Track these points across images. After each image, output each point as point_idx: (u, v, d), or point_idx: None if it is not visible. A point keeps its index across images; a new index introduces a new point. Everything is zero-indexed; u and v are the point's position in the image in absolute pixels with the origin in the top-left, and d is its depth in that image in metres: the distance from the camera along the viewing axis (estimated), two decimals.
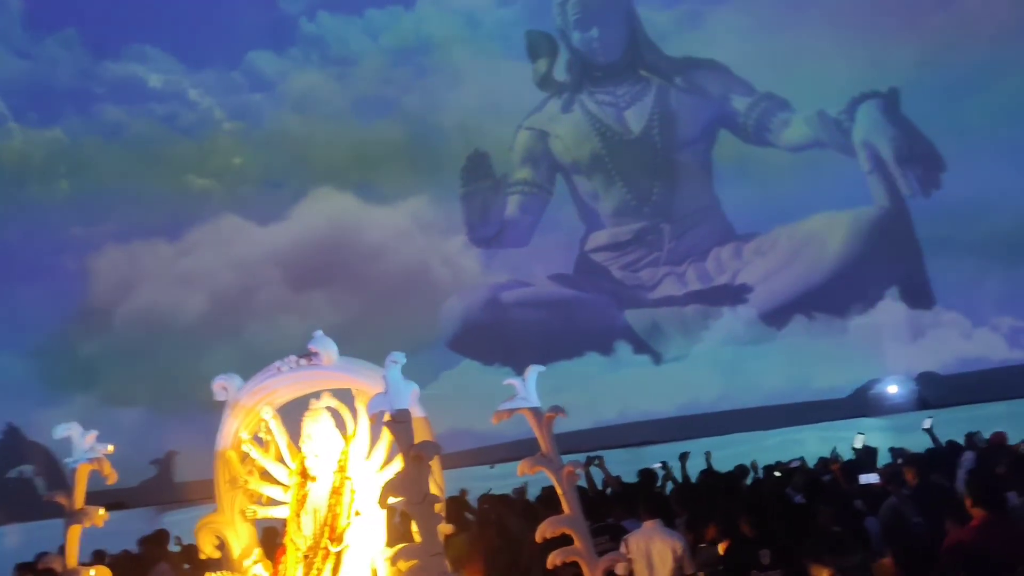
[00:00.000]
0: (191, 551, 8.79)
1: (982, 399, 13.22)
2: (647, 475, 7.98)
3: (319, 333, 5.24)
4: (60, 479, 15.72)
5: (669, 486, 8.68)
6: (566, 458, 5.33)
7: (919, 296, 14.26)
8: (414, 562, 3.95)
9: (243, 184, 17.06)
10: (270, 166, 16.98)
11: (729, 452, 11.15)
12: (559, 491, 4.93)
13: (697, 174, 15.69)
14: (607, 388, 15.48)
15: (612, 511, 6.81)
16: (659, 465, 9.20)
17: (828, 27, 14.57)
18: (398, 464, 5.01)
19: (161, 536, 9.66)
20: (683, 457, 9.19)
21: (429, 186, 16.22)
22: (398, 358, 4.29)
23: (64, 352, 16.67)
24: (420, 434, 4.72)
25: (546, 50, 15.76)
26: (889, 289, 14.43)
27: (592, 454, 9.11)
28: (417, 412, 4.84)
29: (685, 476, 8.84)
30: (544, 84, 15.85)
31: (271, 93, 17.11)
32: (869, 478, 7.15)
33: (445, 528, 4.70)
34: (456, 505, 8.19)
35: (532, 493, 8.71)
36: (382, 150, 16.49)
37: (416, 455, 3.97)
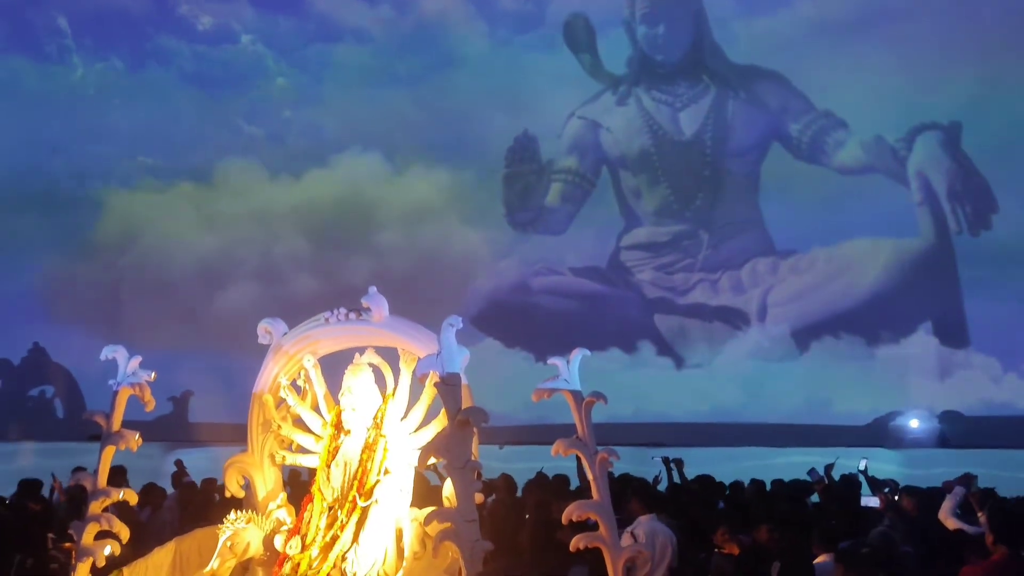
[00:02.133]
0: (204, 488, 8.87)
1: (1003, 444, 13.11)
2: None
3: (373, 289, 5.26)
4: (79, 403, 15.99)
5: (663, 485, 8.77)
6: (614, 448, 5.32)
7: (953, 334, 14.11)
8: (447, 525, 3.97)
9: (285, 136, 17.14)
10: (315, 122, 17.02)
11: (736, 466, 11.10)
12: (590, 476, 4.94)
13: (744, 185, 15.58)
14: (625, 385, 15.42)
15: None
16: (659, 459, 9.28)
17: (895, 53, 14.38)
18: (433, 428, 5.04)
19: (180, 470, 9.77)
20: (679, 464, 9.26)
21: (473, 161, 16.18)
22: (455, 322, 4.30)
23: (92, 281, 16.88)
24: (465, 400, 4.74)
25: (587, 42, 15.64)
26: (923, 323, 14.30)
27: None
28: (463, 379, 4.86)
29: (681, 479, 8.92)
30: (596, 74, 15.74)
31: (331, 52, 17.14)
32: (870, 501, 7.15)
33: (479, 496, 4.73)
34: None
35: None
36: (428, 119, 16.49)
37: (463, 419, 3.99)
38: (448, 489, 4.18)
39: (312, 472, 5.42)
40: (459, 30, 16.60)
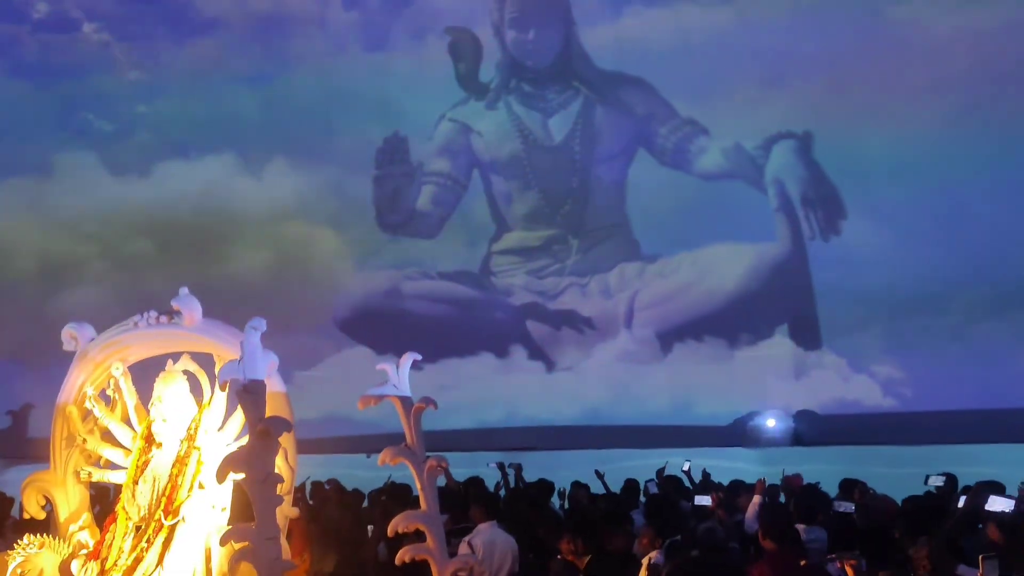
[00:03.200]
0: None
1: (853, 441, 13.72)
2: (475, 482, 7.93)
3: (184, 290, 4.91)
4: None
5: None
6: (444, 455, 5.15)
7: (807, 336, 14.68)
8: (246, 544, 3.71)
9: (132, 131, 16.31)
10: (166, 117, 16.26)
11: (607, 467, 11.13)
12: (419, 486, 4.77)
13: (611, 190, 15.79)
14: (496, 390, 15.41)
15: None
16: (494, 465, 9.24)
17: (753, 62, 14.88)
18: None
19: None
20: (517, 469, 9.25)
21: (341, 162, 15.80)
22: (258, 324, 4.03)
23: None
24: (275, 409, 4.46)
25: (468, 50, 15.58)
26: (780, 326, 14.81)
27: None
28: (276, 386, 4.58)
29: (517, 484, 8.91)
30: (465, 83, 15.66)
31: (184, 44, 16.41)
32: (702, 500, 7.32)
33: (290, 511, 4.46)
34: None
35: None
36: (292, 116, 16.03)
37: (263, 429, 3.73)
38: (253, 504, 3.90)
39: (120, 489, 5.03)
40: (326, 27, 16.21)
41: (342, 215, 15.88)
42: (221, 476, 3.84)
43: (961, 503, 6.33)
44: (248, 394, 3.81)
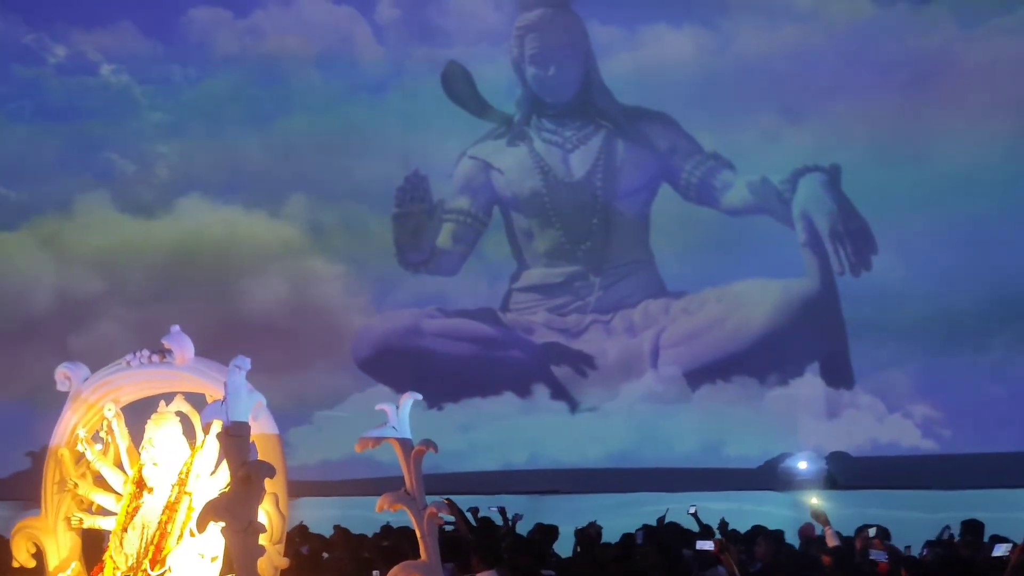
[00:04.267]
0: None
1: (890, 485, 13.18)
2: (486, 522, 7.64)
3: (176, 328, 4.71)
4: None
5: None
6: (447, 500, 4.86)
7: (839, 375, 14.23)
8: None
9: (151, 172, 16.42)
10: (186, 157, 16.35)
11: (631, 512, 10.79)
12: (418, 534, 4.49)
13: (635, 225, 15.55)
14: (519, 431, 15.11)
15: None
16: (496, 509, 8.93)
17: (776, 94, 14.67)
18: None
19: None
20: (515, 519, 8.92)
21: (362, 201, 15.75)
22: (241, 363, 3.80)
23: None
24: (266, 452, 4.20)
25: (467, 90, 15.52)
26: (811, 364, 14.38)
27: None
28: (266, 427, 4.33)
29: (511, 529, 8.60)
30: (481, 113, 15.59)
31: (204, 84, 16.57)
32: (704, 545, 6.96)
33: (280, 562, 4.19)
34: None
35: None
36: (311, 154, 16.06)
37: (245, 475, 3.49)
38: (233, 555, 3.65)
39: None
40: (345, 64, 16.27)
41: (362, 253, 15.76)
42: (201, 525, 3.59)
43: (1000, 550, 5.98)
44: (230, 436, 3.57)
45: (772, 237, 14.60)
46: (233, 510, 3.49)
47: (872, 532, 7.68)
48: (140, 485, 4.74)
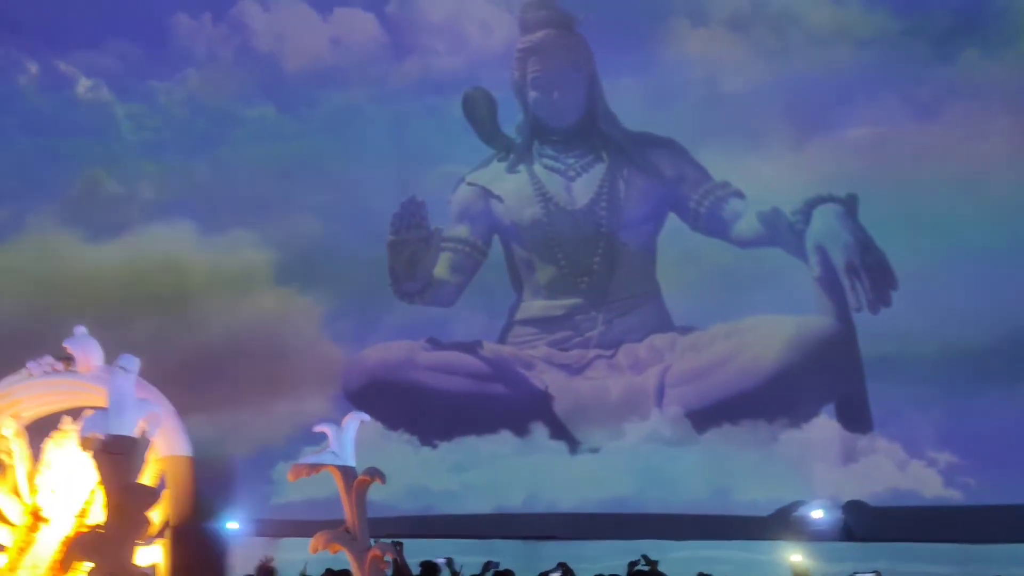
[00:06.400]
0: None
1: (910, 537, 12.29)
2: (429, 569, 6.98)
3: (80, 330, 4.04)
4: None
5: None
6: (395, 543, 4.18)
7: (856, 418, 13.39)
8: None
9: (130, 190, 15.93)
10: (168, 177, 15.86)
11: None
12: None
13: (640, 257, 14.87)
14: (515, 472, 14.31)
15: None
16: (443, 560, 8.22)
17: (791, 123, 14.08)
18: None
19: None
20: (449, 563, 8.22)
21: (357, 225, 15.16)
22: (128, 363, 3.13)
23: None
24: (177, 477, 3.51)
25: (485, 107, 15.04)
26: (826, 406, 13.56)
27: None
28: (176, 446, 3.64)
29: None
30: (490, 139, 15.06)
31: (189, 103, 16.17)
32: None
33: None
34: None
35: None
36: (306, 179, 15.55)
37: (118, 503, 2.78)
38: None
39: None
40: (341, 87, 15.84)
41: (356, 281, 15.12)
42: (65, 566, 2.87)
43: None
44: (107, 454, 2.87)
45: (785, 270, 13.89)
46: (103, 548, 2.77)
47: None
48: (36, 516, 4.04)
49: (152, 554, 3.61)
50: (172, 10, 16.12)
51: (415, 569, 7.35)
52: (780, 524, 12.90)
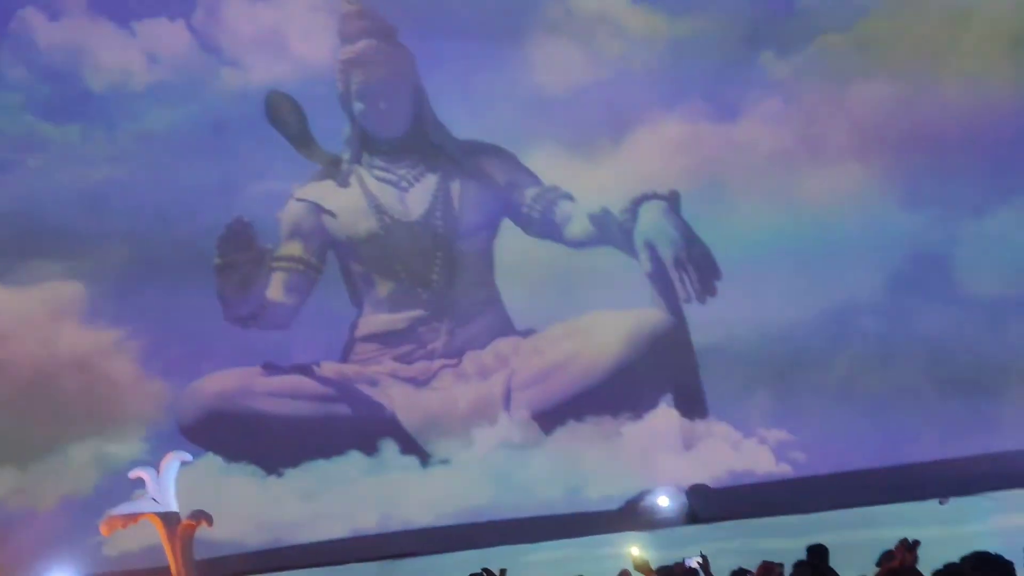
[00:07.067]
0: None
1: (750, 513, 12.94)
2: None
3: None
4: None
5: None
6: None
7: (692, 405, 13.98)
8: None
9: None
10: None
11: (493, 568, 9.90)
12: None
13: (479, 264, 14.91)
14: (367, 492, 14.02)
15: None
16: None
17: (611, 125, 14.55)
18: None
19: None
20: None
21: (181, 251, 14.37)
22: None
23: None
24: None
25: (296, 122, 14.64)
26: (664, 396, 14.08)
27: None
28: None
29: None
30: (301, 145, 14.66)
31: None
32: None
33: None
34: None
35: None
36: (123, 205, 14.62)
37: None
38: None
39: None
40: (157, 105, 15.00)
41: (180, 309, 14.31)
42: None
43: None
44: None
45: (618, 268, 14.31)
46: None
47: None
48: None
49: None
50: None
51: None
52: (630, 516, 13.29)
